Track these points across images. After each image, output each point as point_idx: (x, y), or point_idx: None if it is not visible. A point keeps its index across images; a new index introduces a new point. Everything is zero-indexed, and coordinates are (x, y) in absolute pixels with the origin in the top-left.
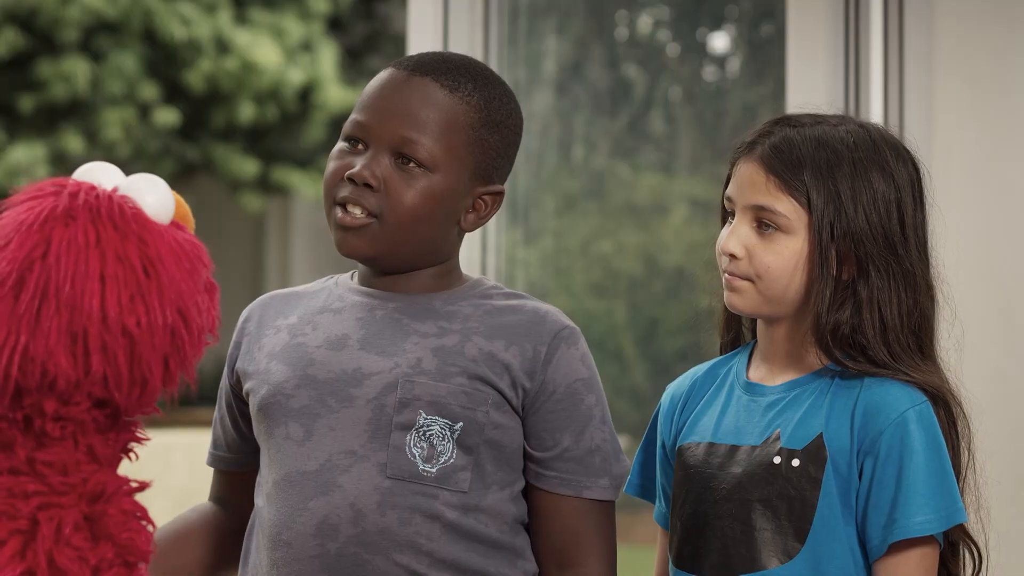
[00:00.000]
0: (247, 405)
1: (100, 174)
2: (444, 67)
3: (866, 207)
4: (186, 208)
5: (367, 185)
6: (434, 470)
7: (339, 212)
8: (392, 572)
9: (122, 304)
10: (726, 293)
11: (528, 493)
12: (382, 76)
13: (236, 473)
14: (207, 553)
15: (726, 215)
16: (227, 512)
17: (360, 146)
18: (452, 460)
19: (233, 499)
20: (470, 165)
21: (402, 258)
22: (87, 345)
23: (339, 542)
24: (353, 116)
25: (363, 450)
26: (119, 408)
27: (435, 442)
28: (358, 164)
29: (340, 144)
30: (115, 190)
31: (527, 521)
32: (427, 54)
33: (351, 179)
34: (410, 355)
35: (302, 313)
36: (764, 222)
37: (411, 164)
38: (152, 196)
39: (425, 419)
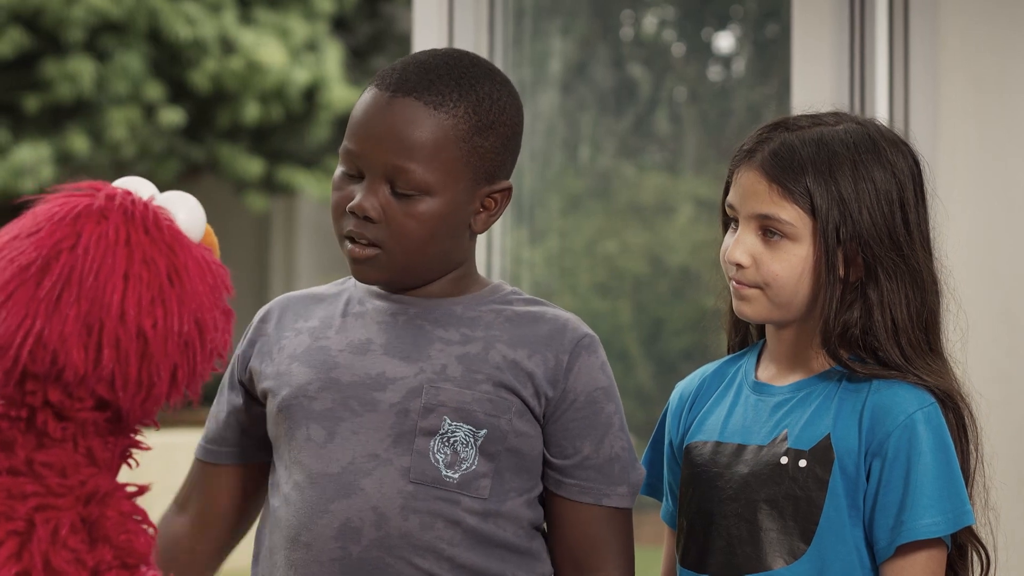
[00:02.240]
0: (257, 402)
1: (136, 186)
2: (426, 81)
3: (870, 208)
4: (214, 237)
5: (367, 218)
6: (456, 476)
7: (348, 245)
8: None
9: (142, 305)
10: (735, 301)
11: (547, 500)
12: (366, 99)
13: (219, 467)
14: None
15: (727, 221)
16: (184, 516)
17: (356, 174)
18: (474, 467)
19: (201, 496)
20: (469, 175)
21: (416, 276)
22: (101, 339)
23: (361, 545)
24: (344, 143)
25: (386, 454)
26: (120, 412)
27: (458, 448)
28: (357, 195)
29: (338, 171)
30: (151, 199)
31: (543, 525)
32: (409, 66)
33: (352, 212)
34: (435, 361)
35: (323, 316)
36: (769, 230)
37: (407, 191)
38: (184, 213)
39: (450, 425)
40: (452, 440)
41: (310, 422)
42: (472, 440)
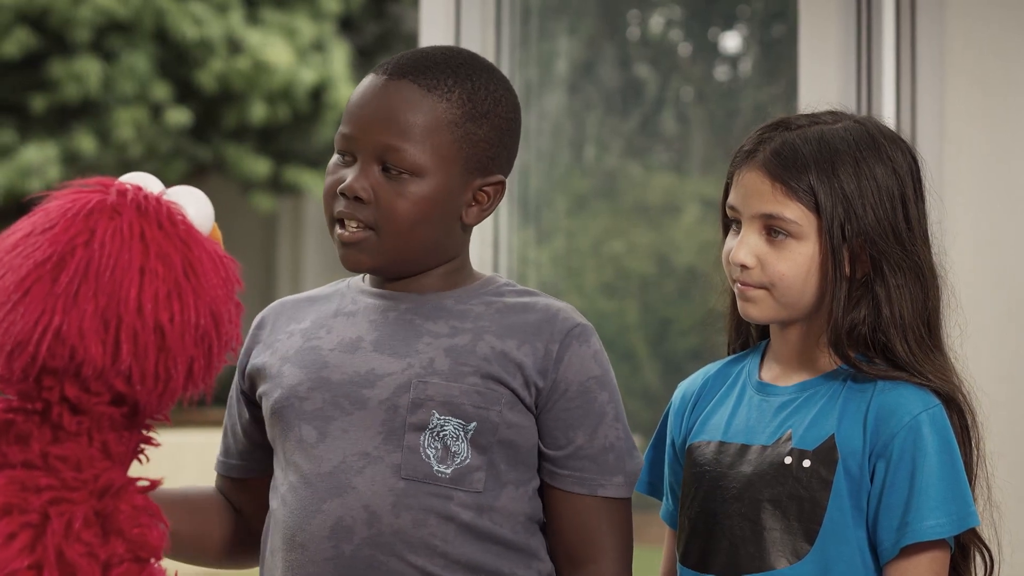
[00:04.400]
0: (260, 409)
1: (144, 182)
2: (422, 66)
3: (873, 204)
4: (218, 232)
5: (358, 198)
6: (449, 471)
7: (338, 228)
8: (407, 573)
9: (158, 299)
10: (740, 303)
11: (543, 491)
12: (363, 84)
13: (247, 480)
14: (226, 530)
15: (727, 223)
16: (238, 512)
17: (349, 158)
18: (467, 460)
19: (243, 505)
20: (461, 162)
21: (407, 264)
22: (119, 333)
23: (354, 544)
24: (340, 128)
25: (377, 451)
26: (136, 406)
27: (449, 443)
28: (348, 177)
29: (333, 157)
30: (161, 194)
31: (543, 521)
32: (407, 54)
33: (343, 193)
34: (423, 356)
35: (315, 317)
36: (774, 229)
37: (399, 171)
38: (193, 207)
39: (439, 419)
40: (442, 434)
41: (302, 422)
42: (462, 433)
